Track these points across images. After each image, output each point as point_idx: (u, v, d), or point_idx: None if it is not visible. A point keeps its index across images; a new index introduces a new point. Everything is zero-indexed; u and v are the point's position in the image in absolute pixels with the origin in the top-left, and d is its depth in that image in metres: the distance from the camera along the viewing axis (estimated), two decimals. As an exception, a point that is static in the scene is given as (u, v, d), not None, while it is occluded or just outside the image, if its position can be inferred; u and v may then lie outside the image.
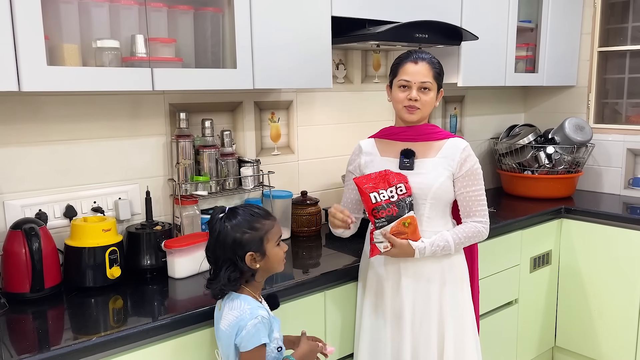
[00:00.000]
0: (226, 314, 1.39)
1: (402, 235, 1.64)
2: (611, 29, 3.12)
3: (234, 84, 1.77)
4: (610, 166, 3.08)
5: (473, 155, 1.72)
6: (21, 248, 1.56)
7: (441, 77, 1.72)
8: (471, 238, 1.71)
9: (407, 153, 1.71)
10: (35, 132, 1.71)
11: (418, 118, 1.70)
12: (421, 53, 1.71)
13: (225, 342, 1.39)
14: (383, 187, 1.64)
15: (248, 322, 1.35)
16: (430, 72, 1.67)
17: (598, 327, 2.70)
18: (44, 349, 1.29)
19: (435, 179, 1.67)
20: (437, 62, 1.72)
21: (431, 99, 1.69)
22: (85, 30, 1.60)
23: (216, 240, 1.41)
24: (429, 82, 1.67)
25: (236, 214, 1.42)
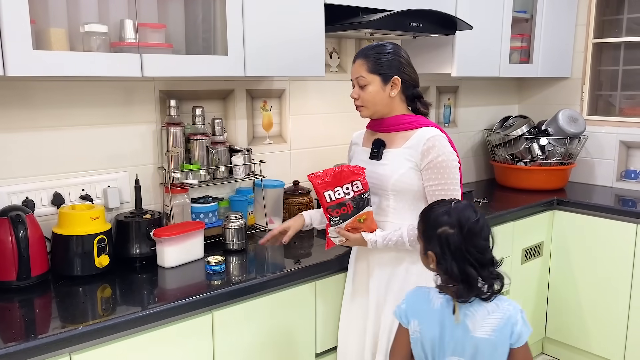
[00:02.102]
0: (481, 321, 1.31)
1: (357, 231, 1.63)
2: (606, 20, 3.11)
3: (225, 71, 1.75)
4: (603, 158, 3.08)
5: (440, 146, 1.58)
6: (7, 236, 1.54)
7: (382, 66, 1.61)
8: None
9: (377, 143, 1.68)
10: (22, 118, 1.68)
11: (368, 114, 1.68)
12: (362, 50, 1.65)
13: (490, 350, 1.31)
14: (338, 184, 1.61)
15: (517, 314, 1.32)
16: (364, 67, 1.61)
17: (588, 318, 2.71)
18: (31, 337, 1.27)
19: (395, 170, 1.62)
20: (376, 52, 1.62)
21: (370, 93, 1.62)
22: (72, 14, 1.57)
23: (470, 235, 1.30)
24: (361, 77, 1.62)
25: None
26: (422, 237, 1.39)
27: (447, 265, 1.30)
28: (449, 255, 1.30)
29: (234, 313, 1.60)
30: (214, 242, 1.93)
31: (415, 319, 1.38)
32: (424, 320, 1.37)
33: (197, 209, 1.97)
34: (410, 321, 1.38)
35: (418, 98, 1.70)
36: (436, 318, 1.36)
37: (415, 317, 1.38)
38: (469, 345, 1.33)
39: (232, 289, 1.58)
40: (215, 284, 1.60)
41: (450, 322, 1.34)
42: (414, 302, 1.40)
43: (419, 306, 1.38)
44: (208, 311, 1.55)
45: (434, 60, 2.58)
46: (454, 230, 1.30)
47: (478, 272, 1.30)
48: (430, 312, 1.36)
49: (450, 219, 1.32)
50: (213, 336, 1.57)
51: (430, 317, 1.36)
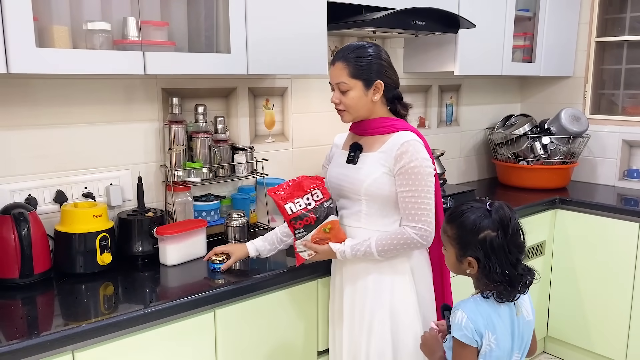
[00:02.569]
0: (527, 304, 1.37)
1: (324, 241, 1.59)
2: (609, 19, 3.10)
3: (228, 69, 1.75)
4: (606, 157, 3.07)
5: (413, 152, 1.52)
6: (10, 233, 1.54)
7: (364, 71, 1.55)
8: (398, 245, 1.54)
9: (353, 147, 1.64)
10: (25, 115, 1.68)
11: (350, 119, 1.63)
12: (344, 47, 1.59)
13: (532, 329, 1.38)
14: (298, 195, 1.58)
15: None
16: (345, 71, 1.55)
17: (590, 317, 2.71)
18: (34, 334, 1.27)
19: (368, 175, 1.58)
20: (357, 55, 1.56)
21: (352, 98, 1.57)
22: (75, 12, 1.57)
23: (512, 234, 1.30)
24: (343, 82, 1.56)
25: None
26: (456, 244, 1.33)
27: (491, 268, 1.27)
28: (495, 258, 1.27)
29: (236, 311, 1.60)
30: (216, 240, 1.93)
31: (489, 331, 1.27)
32: (499, 330, 1.29)
33: (199, 207, 1.97)
34: (484, 336, 1.27)
35: (398, 99, 1.65)
36: (508, 320, 1.31)
37: (488, 328, 1.28)
38: (525, 334, 1.35)
39: (234, 287, 1.58)
40: (218, 282, 1.60)
41: (515, 317, 1.33)
42: (480, 314, 1.28)
43: (488, 319, 1.28)
44: (210, 309, 1.55)
45: (437, 58, 2.58)
46: (496, 232, 1.27)
47: (517, 270, 1.29)
48: (503, 318, 1.31)
49: (491, 221, 1.28)
50: (215, 334, 1.57)
51: (504, 321, 1.31)
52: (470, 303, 1.30)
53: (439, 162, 2.59)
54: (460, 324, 1.27)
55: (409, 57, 2.72)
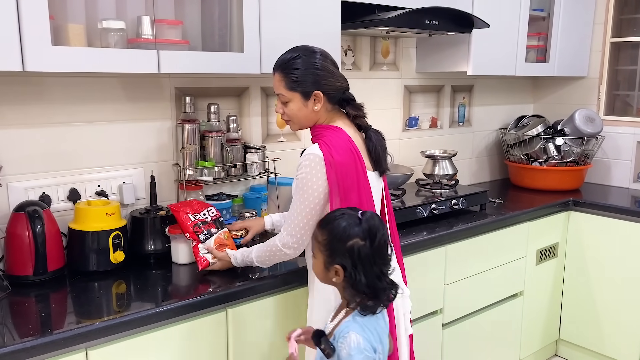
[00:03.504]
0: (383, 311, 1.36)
1: (223, 247, 1.68)
2: (624, 19, 3.07)
3: (241, 68, 1.75)
4: (620, 159, 3.04)
5: (305, 165, 1.47)
6: (24, 231, 1.55)
7: (300, 83, 1.50)
8: (270, 252, 1.55)
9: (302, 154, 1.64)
10: (40, 113, 1.69)
11: (297, 128, 1.59)
12: (282, 57, 1.54)
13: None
14: (194, 211, 1.71)
15: None
16: (282, 83, 1.51)
17: (603, 320, 2.68)
18: (47, 332, 1.28)
19: (290, 185, 1.59)
20: (293, 67, 1.51)
21: (292, 110, 1.53)
22: (90, 11, 1.57)
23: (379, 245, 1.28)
24: (281, 94, 1.53)
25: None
26: (325, 250, 1.28)
27: (356, 278, 1.24)
28: (361, 267, 1.24)
29: (248, 310, 1.60)
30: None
31: (379, 344, 1.28)
32: (382, 339, 1.30)
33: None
34: (377, 349, 1.27)
35: (347, 102, 1.58)
36: (383, 326, 1.33)
37: (378, 342, 1.27)
38: (387, 337, 1.36)
39: (246, 287, 1.58)
40: (230, 281, 1.60)
41: (387, 323, 1.36)
42: (370, 332, 1.26)
43: (376, 332, 1.27)
44: (223, 308, 1.55)
45: (450, 58, 2.56)
46: (364, 241, 1.24)
47: (382, 283, 1.27)
48: (384, 327, 1.32)
49: (361, 229, 1.25)
50: (227, 333, 1.57)
51: (383, 329, 1.32)
52: (357, 324, 1.25)
53: (450, 162, 2.57)
54: (359, 347, 1.22)
55: (421, 56, 2.70)
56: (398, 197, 2.29)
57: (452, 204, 2.33)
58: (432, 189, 2.50)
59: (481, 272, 2.31)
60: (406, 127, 2.77)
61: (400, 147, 2.74)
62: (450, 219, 2.30)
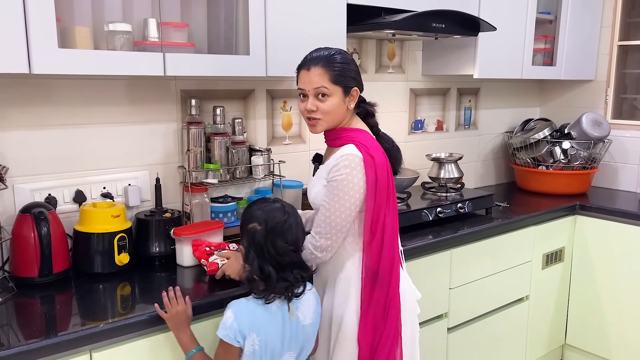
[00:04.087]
0: (308, 309, 1.41)
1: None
2: (632, 22, 3.05)
3: (247, 71, 1.75)
4: (627, 163, 3.02)
5: (344, 166, 1.44)
6: (30, 232, 1.56)
7: (346, 77, 1.48)
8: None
9: (315, 159, 1.64)
10: (46, 115, 1.70)
11: (323, 128, 1.53)
12: (318, 52, 1.50)
13: (312, 332, 1.42)
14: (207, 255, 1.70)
15: (316, 292, 1.48)
16: (326, 76, 1.46)
17: (610, 325, 2.66)
18: (52, 334, 1.28)
19: (311, 187, 1.56)
20: (339, 60, 1.48)
21: (331, 105, 1.48)
22: (97, 13, 1.58)
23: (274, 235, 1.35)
24: (323, 86, 1.46)
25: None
26: (240, 231, 1.42)
27: (250, 260, 1.35)
28: (253, 251, 1.34)
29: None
30: (233, 241, 1.93)
31: (253, 333, 1.30)
32: (266, 330, 1.32)
33: (216, 209, 1.97)
34: (247, 337, 1.30)
35: (363, 102, 1.59)
36: (278, 322, 1.35)
37: (253, 330, 1.30)
38: (300, 336, 1.39)
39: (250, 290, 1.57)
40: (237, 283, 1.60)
41: (287, 320, 1.36)
42: (247, 315, 1.31)
43: (255, 318, 1.31)
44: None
45: (456, 61, 2.55)
46: (261, 227, 1.34)
47: (277, 272, 1.32)
48: (271, 319, 1.34)
49: (260, 216, 1.35)
50: (231, 336, 1.56)
51: (272, 323, 1.33)
52: (242, 303, 1.33)
53: (456, 166, 2.56)
54: (225, 323, 1.30)
55: (427, 59, 2.70)
56: (403, 201, 2.28)
57: (458, 207, 2.32)
58: (438, 192, 2.49)
59: (487, 276, 2.30)
60: (412, 130, 2.76)
61: (406, 150, 2.73)
62: (455, 222, 2.29)
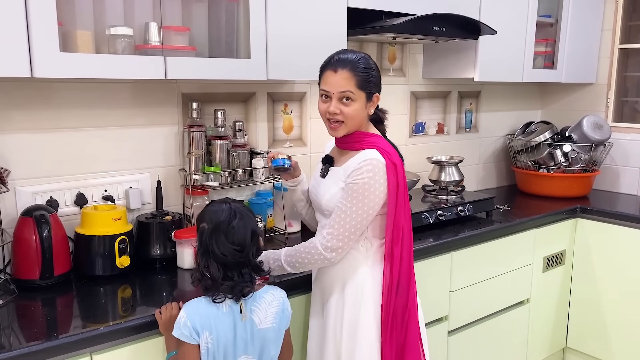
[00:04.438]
0: (265, 312, 1.40)
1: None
2: (633, 25, 3.05)
3: (248, 74, 1.75)
4: (628, 166, 3.02)
5: (367, 170, 1.46)
6: (31, 235, 1.56)
7: (371, 83, 1.50)
8: (303, 254, 1.50)
9: (325, 160, 1.62)
10: (48, 118, 1.71)
11: (344, 132, 1.53)
12: (345, 55, 1.49)
13: (274, 337, 1.42)
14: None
15: (286, 299, 1.47)
16: (352, 81, 1.46)
17: (611, 329, 2.66)
18: (53, 336, 1.29)
19: (326, 190, 1.55)
20: (364, 65, 1.49)
21: (355, 110, 1.49)
22: (98, 17, 1.59)
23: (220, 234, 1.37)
24: (349, 91, 1.47)
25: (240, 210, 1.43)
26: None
27: (198, 259, 1.39)
28: (201, 249, 1.37)
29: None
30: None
31: (205, 331, 1.32)
32: (217, 328, 1.33)
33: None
34: (201, 335, 1.32)
35: (376, 108, 1.59)
36: (229, 322, 1.36)
37: (205, 328, 1.32)
38: (257, 340, 1.39)
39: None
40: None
41: (239, 321, 1.37)
42: (199, 314, 1.33)
43: (206, 316, 1.33)
44: (227, 314, 1.55)
45: (456, 64, 2.56)
46: (208, 226, 1.37)
47: (223, 271, 1.34)
48: (222, 318, 1.35)
49: (207, 216, 1.38)
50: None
51: (222, 322, 1.35)
52: (193, 303, 1.36)
53: (457, 168, 2.57)
54: (179, 323, 1.32)
55: (428, 63, 2.70)
56: (404, 203, 2.28)
57: (459, 210, 2.32)
58: (439, 195, 2.50)
59: (487, 279, 2.30)
60: (413, 133, 2.77)
61: (407, 153, 2.74)
62: (456, 225, 2.29)
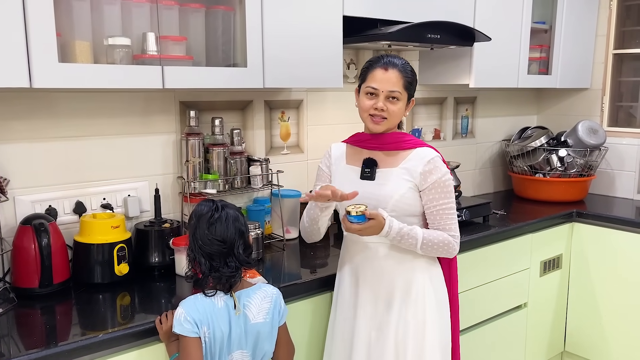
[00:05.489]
0: (258, 307, 1.44)
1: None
2: (627, 31, 3.08)
3: (245, 82, 1.77)
4: (624, 170, 3.04)
5: (441, 166, 1.58)
6: (31, 243, 1.57)
7: (413, 87, 1.60)
8: (440, 245, 1.56)
9: (369, 162, 1.62)
10: (46, 127, 1.72)
11: (384, 129, 1.59)
12: (393, 58, 1.58)
13: (267, 332, 1.45)
14: None
15: (280, 296, 1.50)
16: (401, 81, 1.55)
17: (608, 332, 2.67)
18: (52, 344, 1.29)
19: (394, 190, 1.57)
20: (411, 69, 1.59)
21: (399, 109, 1.57)
22: (97, 28, 1.60)
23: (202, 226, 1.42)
24: (397, 91, 1.55)
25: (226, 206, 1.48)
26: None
27: (187, 253, 1.44)
28: (190, 242, 1.43)
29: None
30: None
31: (203, 325, 1.36)
32: (213, 323, 1.37)
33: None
34: (200, 328, 1.36)
35: None
36: (225, 317, 1.39)
37: (202, 323, 1.36)
38: (250, 334, 1.42)
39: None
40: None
41: (233, 315, 1.40)
42: (196, 309, 1.36)
43: (203, 311, 1.37)
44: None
45: (452, 71, 2.58)
46: (192, 221, 1.44)
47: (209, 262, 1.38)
48: (218, 313, 1.38)
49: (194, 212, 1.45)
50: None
51: (218, 317, 1.38)
52: (190, 299, 1.39)
53: (454, 174, 2.58)
54: (179, 319, 1.36)
55: (424, 69, 2.72)
56: (401, 209, 2.30)
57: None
58: (435, 200, 2.51)
59: (484, 284, 2.31)
60: (409, 139, 2.78)
61: (404, 159, 2.75)
62: (453, 230, 2.30)
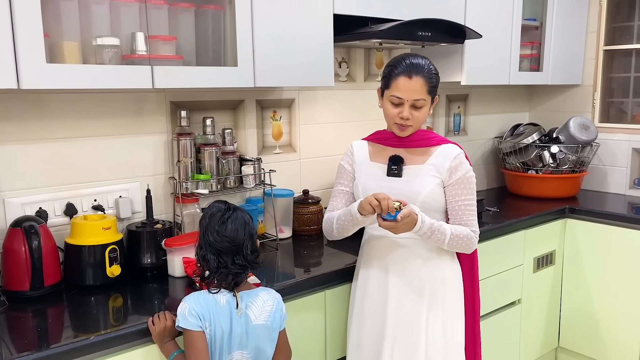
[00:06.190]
0: (260, 309, 1.44)
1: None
2: (617, 27, 3.09)
3: (235, 82, 1.77)
4: (616, 166, 3.05)
5: (465, 163, 1.63)
6: (21, 246, 1.56)
7: (436, 88, 1.62)
8: (464, 240, 1.61)
9: (395, 160, 1.65)
10: (36, 129, 1.71)
11: (410, 133, 1.64)
12: (415, 59, 1.58)
13: (268, 334, 1.44)
14: None
15: (281, 300, 1.50)
16: (425, 88, 1.57)
17: (602, 328, 2.68)
18: (44, 347, 1.29)
19: (423, 187, 1.61)
20: (435, 72, 1.61)
21: (424, 113, 1.61)
22: (85, 28, 1.59)
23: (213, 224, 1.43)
24: (422, 99, 1.58)
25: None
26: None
27: (196, 251, 1.44)
28: (200, 238, 1.43)
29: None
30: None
31: (206, 321, 1.37)
32: (215, 320, 1.38)
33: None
34: (204, 324, 1.37)
35: None
36: (226, 315, 1.39)
37: (205, 319, 1.37)
38: (251, 335, 1.42)
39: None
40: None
41: (235, 315, 1.40)
42: (200, 304, 1.37)
43: (206, 307, 1.38)
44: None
45: (443, 68, 2.58)
46: (204, 220, 1.44)
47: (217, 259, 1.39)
48: (220, 311, 1.39)
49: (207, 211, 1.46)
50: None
51: (220, 315, 1.38)
52: (194, 295, 1.40)
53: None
54: (183, 314, 1.36)
55: (415, 67, 2.72)
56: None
57: (448, 213, 2.34)
58: (428, 198, 2.51)
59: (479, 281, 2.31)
60: (402, 137, 2.78)
61: (396, 157, 2.75)
62: (446, 228, 2.30)
